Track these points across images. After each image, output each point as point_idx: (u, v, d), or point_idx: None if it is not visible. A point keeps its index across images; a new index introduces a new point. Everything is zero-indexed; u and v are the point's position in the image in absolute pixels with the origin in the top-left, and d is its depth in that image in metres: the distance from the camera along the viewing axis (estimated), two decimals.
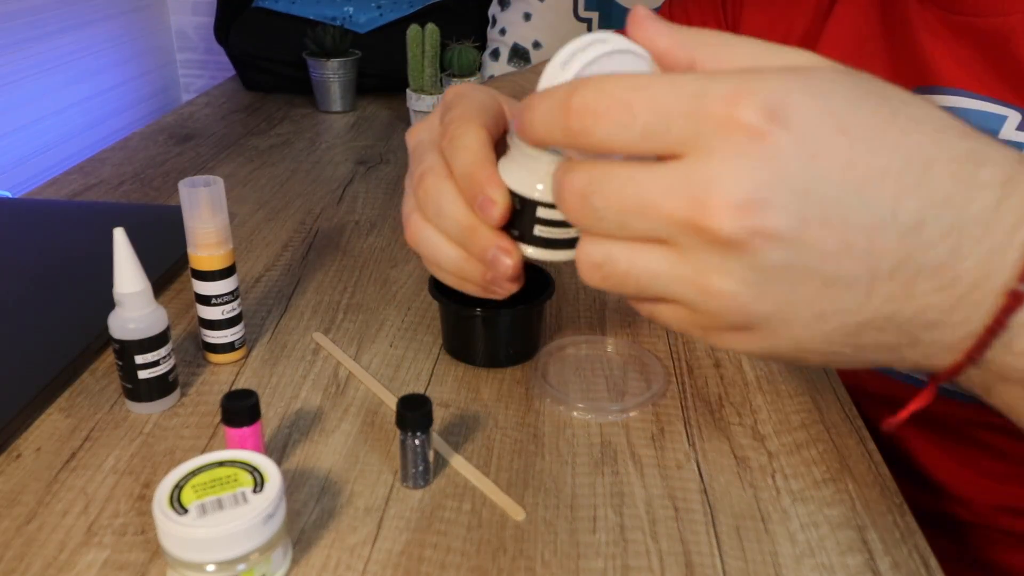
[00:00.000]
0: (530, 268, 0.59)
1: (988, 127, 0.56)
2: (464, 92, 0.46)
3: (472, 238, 0.42)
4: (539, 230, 0.41)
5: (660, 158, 0.30)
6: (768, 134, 0.28)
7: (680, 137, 0.29)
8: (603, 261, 0.32)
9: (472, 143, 0.41)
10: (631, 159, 0.31)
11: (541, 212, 0.40)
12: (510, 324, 0.57)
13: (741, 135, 0.28)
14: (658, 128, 0.29)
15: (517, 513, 0.45)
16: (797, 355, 0.32)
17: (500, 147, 0.45)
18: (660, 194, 0.30)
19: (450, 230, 0.43)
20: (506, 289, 0.45)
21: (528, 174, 0.40)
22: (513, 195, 0.40)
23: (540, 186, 0.39)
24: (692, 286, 0.30)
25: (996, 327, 0.29)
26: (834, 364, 0.33)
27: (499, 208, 0.40)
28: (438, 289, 0.57)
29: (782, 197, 0.28)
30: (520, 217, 0.41)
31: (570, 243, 0.40)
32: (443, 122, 0.44)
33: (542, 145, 0.35)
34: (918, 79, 0.60)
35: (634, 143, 0.30)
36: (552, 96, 0.31)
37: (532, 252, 0.42)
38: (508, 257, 0.41)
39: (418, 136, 0.46)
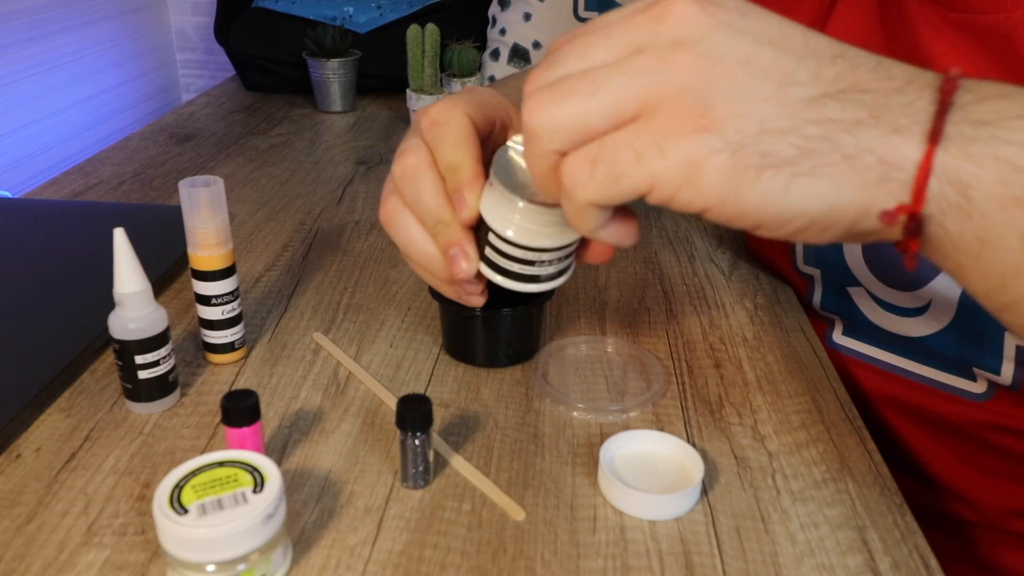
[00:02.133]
0: None
1: None
2: (473, 88, 0.47)
3: (443, 231, 0.44)
4: (488, 252, 0.44)
5: None
6: None
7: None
8: (557, 75, 0.34)
9: (456, 131, 0.43)
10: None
11: (492, 239, 0.44)
12: (510, 324, 0.57)
13: None
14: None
15: (517, 513, 0.45)
16: (765, 140, 0.32)
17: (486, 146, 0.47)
18: (617, 16, 0.34)
19: (424, 218, 0.44)
20: (471, 295, 0.47)
21: (495, 203, 0.43)
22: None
23: (497, 216, 0.43)
24: (653, 63, 0.32)
25: (944, 106, 0.32)
26: (803, 168, 0.32)
27: (469, 209, 0.42)
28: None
29: None
30: (478, 233, 0.44)
31: (515, 276, 0.44)
32: (429, 114, 0.45)
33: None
34: None
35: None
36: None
37: (483, 269, 0.45)
38: (465, 261, 0.44)
39: (418, 117, 0.47)
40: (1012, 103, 0.32)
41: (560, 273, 0.46)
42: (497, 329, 0.57)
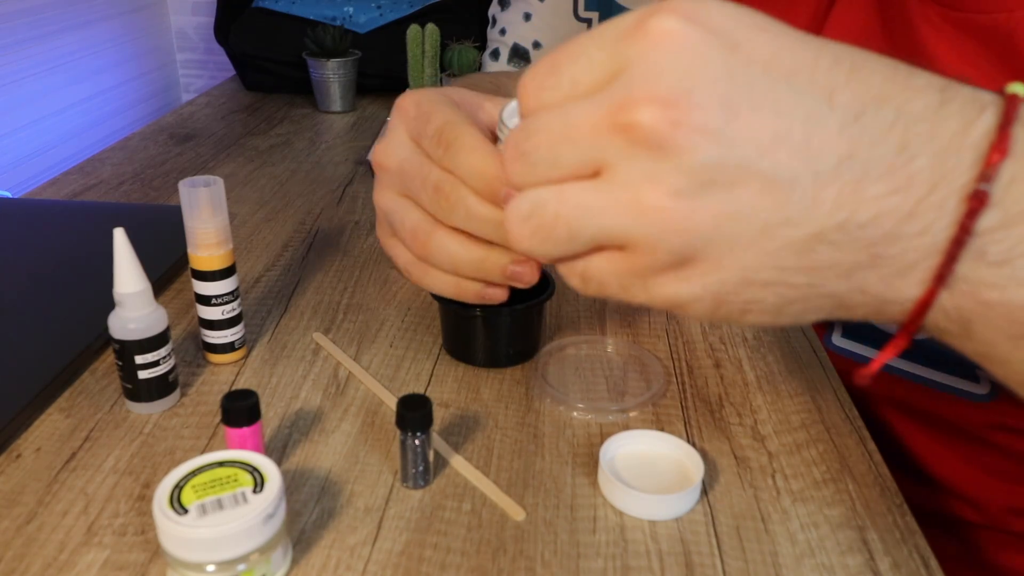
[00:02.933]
0: None
1: None
2: (422, 99, 0.44)
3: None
4: None
5: None
6: (684, 33, 0.27)
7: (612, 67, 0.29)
8: (532, 209, 0.31)
9: (474, 142, 0.41)
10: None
11: None
12: (510, 324, 0.57)
13: (656, 38, 0.28)
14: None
15: (517, 513, 0.45)
16: (747, 291, 0.30)
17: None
18: (584, 112, 0.29)
19: (483, 230, 0.42)
20: (499, 291, 0.46)
21: None
22: None
23: None
24: (624, 207, 0.29)
25: (962, 235, 0.27)
26: (792, 311, 0.30)
27: None
28: None
29: (705, 85, 0.27)
30: None
31: None
32: (429, 135, 0.43)
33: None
34: None
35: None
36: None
37: None
38: (529, 265, 0.43)
39: (395, 155, 0.44)
40: None
41: None
42: (497, 329, 0.57)
